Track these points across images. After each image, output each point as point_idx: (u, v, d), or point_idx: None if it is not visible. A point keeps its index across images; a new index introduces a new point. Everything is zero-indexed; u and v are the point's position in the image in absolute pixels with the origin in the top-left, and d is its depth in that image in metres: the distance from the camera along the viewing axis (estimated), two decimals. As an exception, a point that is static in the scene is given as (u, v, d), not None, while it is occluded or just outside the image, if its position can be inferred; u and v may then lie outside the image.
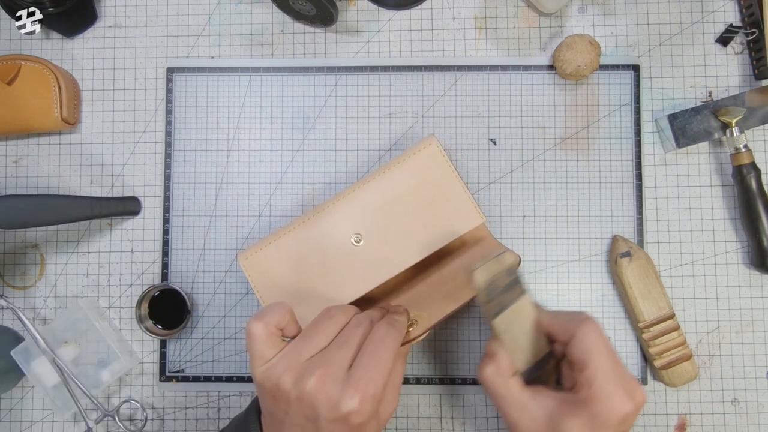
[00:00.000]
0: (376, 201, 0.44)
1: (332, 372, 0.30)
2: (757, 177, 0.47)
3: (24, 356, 0.47)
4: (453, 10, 0.51)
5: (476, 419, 0.49)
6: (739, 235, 0.50)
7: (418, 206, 0.44)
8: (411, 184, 0.44)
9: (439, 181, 0.45)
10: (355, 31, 0.52)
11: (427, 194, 0.44)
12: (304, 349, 0.32)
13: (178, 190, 0.51)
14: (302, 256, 0.44)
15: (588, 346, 0.32)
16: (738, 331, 0.49)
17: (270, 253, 0.44)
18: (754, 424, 0.49)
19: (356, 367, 0.31)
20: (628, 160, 0.50)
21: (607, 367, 0.32)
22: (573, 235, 0.50)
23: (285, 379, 0.31)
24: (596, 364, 0.32)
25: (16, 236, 0.51)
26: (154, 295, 0.49)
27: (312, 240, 0.44)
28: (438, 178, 0.45)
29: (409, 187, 0.44)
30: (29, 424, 0.50)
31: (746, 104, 0.48)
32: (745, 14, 0.50)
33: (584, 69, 0.47)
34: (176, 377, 0.50)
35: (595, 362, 0.32)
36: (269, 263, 0.44)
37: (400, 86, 0.51)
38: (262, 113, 0.51)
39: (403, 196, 0.44)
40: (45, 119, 0.48)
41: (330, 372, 0.30)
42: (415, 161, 0.45)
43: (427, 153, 0.45)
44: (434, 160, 0.45)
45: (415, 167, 0.45)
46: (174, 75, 0.51)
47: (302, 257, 0.44)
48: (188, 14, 0.52)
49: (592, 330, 0.33)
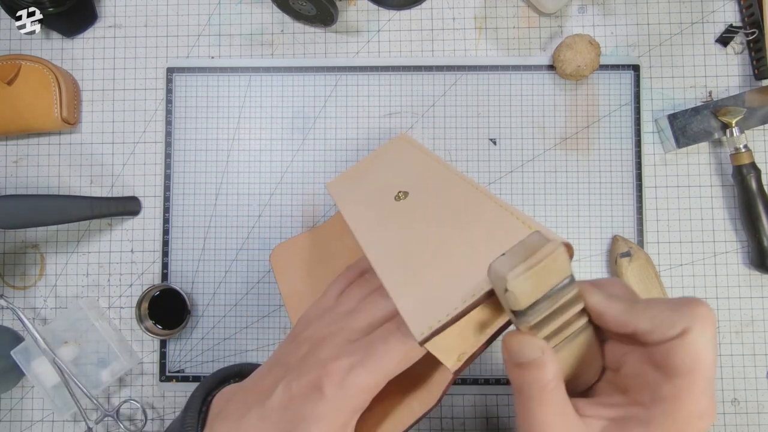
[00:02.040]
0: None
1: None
2: (757, 177, 0.47)
3: (24, 356, 0.47)
4: (453, 10, 0.51)
5: (476, 419, 0.49)
6: (739, 235, 0.50)
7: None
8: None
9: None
10: (355, 31, 0.52)
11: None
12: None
13: (178, 190, 0.51)
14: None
15: (700, 351, 0.23)
16: (738, 331, 0.49)
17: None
18: (754, 424, 0.49)
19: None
20: (628, 160, 0.50)
21: (711, 378, 0.24)
22: (573, 235, 0.50)
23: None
24: (701, 374, 0.23)
25: (16, 236, 0.51)
26: (154, 295, 0.49)
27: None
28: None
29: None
30: (29, 424, 0.50)
31: (746, 104, 0.48)
32: (745, 14, 0.50)
33: (584, 69, 0.47)
34: (176, 377, 0.50)
35: (701, 372, 0.23)
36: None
37: (400, 86, 0.51)
38: (262, 113, 0.51)
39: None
40: (45, 119, 0.48)
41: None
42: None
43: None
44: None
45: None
46: (174, 75, 0.51)
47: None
48: (188, 14, 0.52)
49: (710, 327, 0.24)
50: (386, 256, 0.32)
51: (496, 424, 0.49)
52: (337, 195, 0.42)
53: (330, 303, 0.35)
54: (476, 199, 0.33)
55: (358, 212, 0.38)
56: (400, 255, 0.31)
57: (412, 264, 0.30)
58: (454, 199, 0.34)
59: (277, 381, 0.29)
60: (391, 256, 0.32)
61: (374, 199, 0.38)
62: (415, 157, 0.42)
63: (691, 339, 0.23)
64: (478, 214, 0.31)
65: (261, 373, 0.31)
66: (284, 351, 0.32)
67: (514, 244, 0.24)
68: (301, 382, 0.28)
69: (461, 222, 0.31)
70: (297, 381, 0.28)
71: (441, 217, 0.33)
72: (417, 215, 0.34)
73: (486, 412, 0.49)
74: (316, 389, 0.27)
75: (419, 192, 0.36)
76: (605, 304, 0.26)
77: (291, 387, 0.28)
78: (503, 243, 0.26)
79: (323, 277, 0.44)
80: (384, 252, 0.32)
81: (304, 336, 0.32)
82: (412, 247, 0.31)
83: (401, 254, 0.31)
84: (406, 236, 0.33)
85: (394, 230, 0.34)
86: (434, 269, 0.29)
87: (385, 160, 0.45)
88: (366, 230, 0.35)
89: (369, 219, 0.36)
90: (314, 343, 0.31)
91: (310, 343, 0.31)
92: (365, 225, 0.36)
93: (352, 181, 0.44)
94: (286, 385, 0.28)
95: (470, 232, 0.30)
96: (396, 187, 0.38)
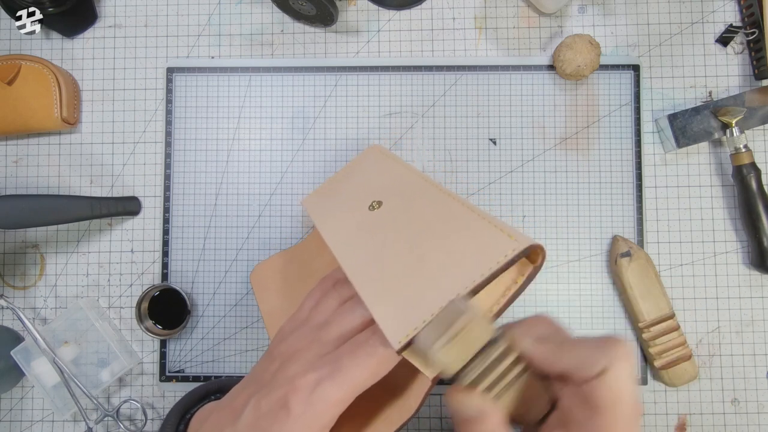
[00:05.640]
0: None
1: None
2: (757, 177, 0.47)
3: (24, 356, 0.47)
4: (453, 10, 0.51)
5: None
6: (739, 235, 0.50)
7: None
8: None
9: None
10: (355, 31, 0.52)
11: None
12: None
13: (178, 190, 0.51)
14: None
15: (619, 388, 0.24)
16: (738, 331, 0.49)
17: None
18: (754, 424, 0.49)
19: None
20: (628, 160, 0.50)
21: (633, 416, 0.25)
22: (573, 235, 0.50)
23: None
24: (621, 411, 0.24)
25: (16, 236, 0.51)
26: (154, 295, 0.49)
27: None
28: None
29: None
30: (29, 424, 0.50)
31: (746, 104, 0.48)
32: (745, 14, 0.50)
33: (584, 69, 0.47)
34: (176, 377, 0.50)
35: (621, 409, 0.24)
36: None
37: (400, 86, 0.51)
38: (262, 113, 0.51)
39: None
40: (45, 119, 0.48)
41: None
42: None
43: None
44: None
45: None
46: (174, 75, 0.51)
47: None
48: (188, 14, 0.52)
49: (627, 366, 0.25)
50: (361, 267, 0.32)
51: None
52: (313, 210, 0.42)
53: (304, 315, 0.34)
54: (450, 206, 0.33)
55: (332, 225, 0.38)
56: (375, 265, 0.31)
57: (388, 273, 0.30)
58: (428, 208, 0.33)
59: (250, 398, 0.29)
60: (366, 266, 0.31)
61: (348, 210, 0.38)
62: (389, 166, 0.42)
63: (609, 377, 0.24)
64: (453, 221, 0.31)
65: (236, 391, 0.31)
66: (259, 367, 0.32)
67: (488, 249, 0.26)
68: (270, 399, 0.28)
69: (436, 229, 0.31)
70: (266, 398, 0.28)
71: (415, 225, 0.32)
72: (391, 224, 0.34)
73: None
74: (283, 407, 0.27)
75: (394, 201, 0.36)
76: (532, 348, 0.27)
77: (260, 405, 0.28)
78: (479, 250, 0.28)
79: (303, 293, 0.44)
80: (358, 262, 0.32)
81: (278, 351, 0.32)
82: (386, 256, 0.31)
83: (376, 264, 0.31)
84: (380, 245, 0.32)
85: (368, 240, 0.34)
86: (409, 277, 0.29)
87: (358, 171, 0.44)
88: (340, 241, 0.35)
89: (343, 230, 0.36)
90: (285, 358, 0.30)
91: (281, 359, 0.30)
92: (339, 236, 0.36)
93: (327, 195, 0.44)
94: (255, 403, 0.28)
95: (445, 239, 0.30)
96: (370, 196, 0.38)
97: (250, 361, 0.50)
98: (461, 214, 0.31)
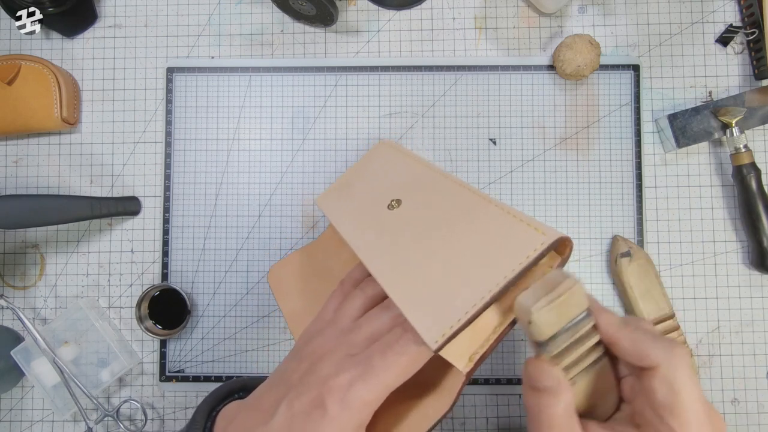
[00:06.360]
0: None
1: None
2: (757, 177, 0.47)
3: (24, 356, 0.47)
4: (453, 10, 0.51)
5: (476, 419, 0.49)
6: (739, 235, 0.50)
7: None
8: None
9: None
10: (355, 31, 0.52)
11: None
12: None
13: (178, 190, 0.51)
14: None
15: (678, 388, 0.25)
16: (738, 331, 0.49)
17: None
18: (754, 424, 0.49)
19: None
20: (628, 160, 0.50)
21: (702, 418, 0.25)
22: (573, 235, 0.50)
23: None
24: (689, 416, 0.25)
25: (16, 236, 0.51)
26: (154, 295, 0.49)
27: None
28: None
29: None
30: (29, 424, 0.50)
31: (746, 104, 0.48)
32: (745, 14, 0.50)
33: (584, 69, 0.47)
34: (176, 377, 0.50)
35: (687, 413, 0.25)
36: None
37: (400, 86, 0.51)
38: (262, 113, 0.51)
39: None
40: (45, 119, 0.48)
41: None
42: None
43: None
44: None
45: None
46: (174, 75, 0.51)
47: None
48: (188, 14, 0.52)
49: (684, 365, 0.25)
50: (389, 268, 0.32)
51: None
52: (329, 210, 0.42)
53: (329, 317, 0.35)
54: (471, 201, 0.32)
55: (352, 226, 0.38)
56: (402, 265, 0.31)
57: (416, 273, 0.30)
58: (448, 203, 0.33)
59: (280, 399, 0.29)
60: (392, 266, 0.32)
61: (367, 211, 0.38)
62: (403, 162, 0.41)
63: (663, 374, 0.25)
64: (476, 217, 0.31)
65: (263, 391, 0.31)
66: (286, 368, 0.32)
67: (516, 243, 0.26)
68: (303, 400, 0.28)
69: (459, 226, 0.31)
70: (299, 399, 0.28)
71: (438, 223, 0.32)
72: (413, 223, 0.34)
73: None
74: (319, 407, 0.27)
75: (412, 199, 0.36)
76: (618, 330, 0.27)
77: (293, 405, 0.28)
78: (507, 244, 0.28)
79: (323, 292, 0.44)
80: (386, 264, 0.32)
81: (305, 352, 0.32)
82: (412, 256, 0.31)
83: (403, 264, 0.31)
84: (404, 245, 0.32)
85: (391, 241, 0.34)
86: (439, 276, 0.29)
87: (371, 168, 0.44)
88: (363, 243, 0.35)
89: (364, 232, 0.36)
90: (314, 359, 0.31)
91: (310, 360, 0.31)
92: (362, 238, 0.36)
93: (342, 194, 0.43)
94: (288, 404, 0.28)
95: (471, 235, 0.30)
96: (388, 195, 0.38)
97: (251, 361, 0.50)
98: (484, 209, 0.31)
